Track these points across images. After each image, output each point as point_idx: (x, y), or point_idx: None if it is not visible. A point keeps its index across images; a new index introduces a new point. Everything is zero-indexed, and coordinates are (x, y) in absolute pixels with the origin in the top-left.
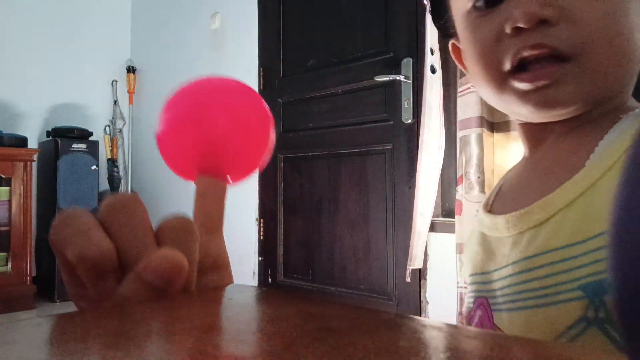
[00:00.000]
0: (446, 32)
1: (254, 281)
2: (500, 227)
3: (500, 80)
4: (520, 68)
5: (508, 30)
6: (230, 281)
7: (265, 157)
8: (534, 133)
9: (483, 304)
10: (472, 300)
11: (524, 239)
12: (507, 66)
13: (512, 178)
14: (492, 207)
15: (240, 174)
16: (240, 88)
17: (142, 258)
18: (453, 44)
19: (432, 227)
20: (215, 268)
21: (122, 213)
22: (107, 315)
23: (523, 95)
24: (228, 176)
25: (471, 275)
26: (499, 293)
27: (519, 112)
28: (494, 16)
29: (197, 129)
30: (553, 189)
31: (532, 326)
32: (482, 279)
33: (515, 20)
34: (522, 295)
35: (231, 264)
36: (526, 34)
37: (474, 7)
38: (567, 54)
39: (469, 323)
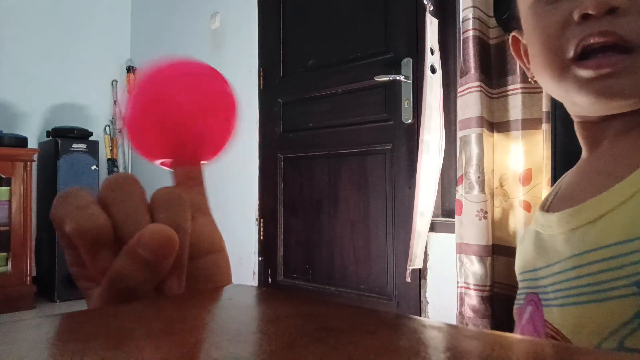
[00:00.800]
0: (507, 26)
1: (254, 281)
2: (553, 224)
3: (563, 67)
4: (584, 56)
5: (576, 17)
6: (227, 264)
7: (234, 136)
8: (591, 132)
9: (534, 299)
10: (522, 296)
11: (577, 235)
12: (571, 53)
13: (570, 178)
14: (549, 207)
15: (210, 154)
16: (203, 70)
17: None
18: (513, 37)
19: (432, 227)
20: (211, 251)
21: (119, 190)
22: (107, 315)
23: (584, 84)
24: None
25: (522, 272)
26: (550, 289)
27: (579, 100)
28: (562, 4)
29: (160, 112)
30: (607, 188)
31: (585, 321)
32: (533, 275)
33: (585, 7)
34: (575, 291)
35: (231, 264)
36: (594, 21)
37: None
38: (633, 45)
39: (520, 319)
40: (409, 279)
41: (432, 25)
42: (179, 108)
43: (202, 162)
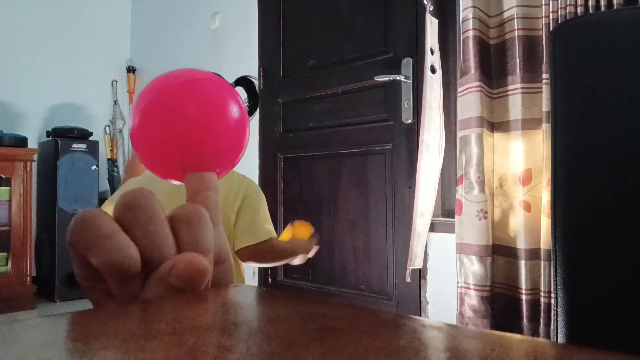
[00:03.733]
0: None
1: (254, 281)
2: None
3: None
4: None
5: None
6: (231, 273)
7: (242, 150)
8: None
9: None
10: None
11: None
12: None
13: None
14: None
15: (225, 164)
16: (212, 78)
17: (165, 260)
18: None
19: (432, 227)
20: (218, 261)
21: (139, 211)
22: (108, 316)
23: None
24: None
25: None
26: None
27: None
28: None
29: (171, 122)
30: None
31: None
32: None
33: None
34: None
35: None
36: None
37: None
38: None
39: None
40: (409, 279)
41: (432, 25)
42: (186, 118)
43: (215, 170)
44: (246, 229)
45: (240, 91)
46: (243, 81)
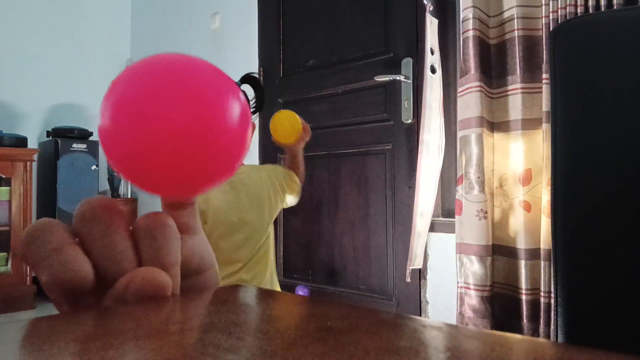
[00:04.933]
0: None
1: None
2: None
3: None
4: None
5: None
6: (216, 280)
7: (240, 161)
8: None
9: None
10: None
11: None
12: None
13: None
14: None
15: (208, 185)
16: (206, 69)
17: (122, 274)
18: None
19: (432, 227)
20: (199, 271)
21: (97, 223)
22: (107, 316)
23: None
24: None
25: None
26: None
27: None
28: None
29: (144, 124)
30: None
31: None
32: None
33: None
34: None
35: None
36: None
37: None
38: None
39: None
40: (409, 279)
41: (432, 25)
42: (166, 119)
43: (200, 193)
44: (285, 179)
45: (248, 90)
46: (249, 79)
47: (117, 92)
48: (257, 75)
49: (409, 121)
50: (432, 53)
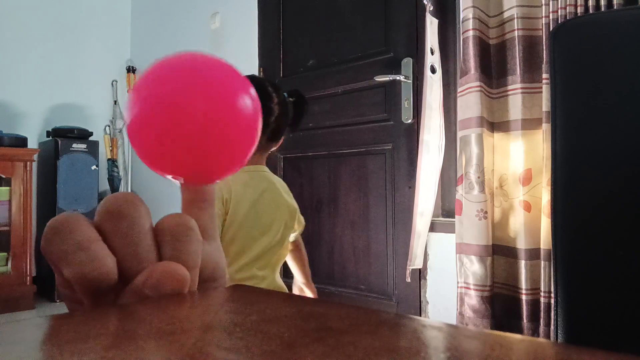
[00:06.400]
0: None
1: None
2: None
3: None
4: None
5: None
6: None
7: (252, 149)
8: None
9: None
10: None
11: None
12: None
13: None
14: None
15: (225, 171)
16: (223, 68)
17: (143, 270)
18: None
19: (432, 227)
20: (211, 279)
21: (121, 220)
22: (107, 315)
23: None
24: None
25: None
26: None
27: None
28: None
29: (171, 117)
30: None
31: None
32: None
33: None
34: None
35: None
36: None
37: None
38: None
39: None
40: (409, 279)
41: (432, 25)
42: (195, 115)
43: (217, 180)
44: (298, 225)
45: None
46: (296, 94)
47: (144, 87)
48: (303, 94)
49: (409, 121)
50: (432, 53)
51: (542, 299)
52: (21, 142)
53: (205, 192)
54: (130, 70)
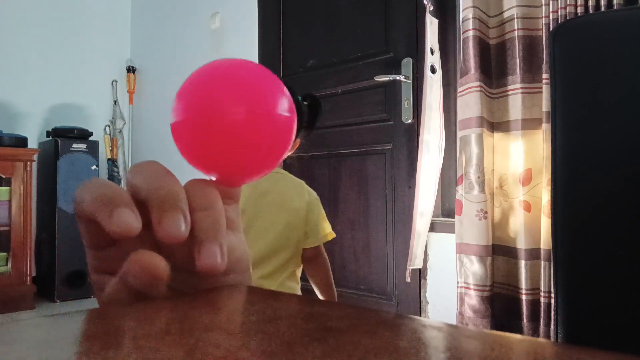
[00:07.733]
0: None
1: None
2: None
3: None
4: None
5: None
6: (249, 283)
7: (286, 152)
8: None
9: None
10: None
11: None
12: None
13: None
14: None
15: (256, 174)
16: (264, 73)
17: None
18: None
19: (432, 227)
20: (236, 269)
21: (145, 167)
22: (108, 316)
23: None
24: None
25: None
26: None
27: None
28: None
29: (213, 120)
30: None
31: None
32: None
33: None
34: None
35: None
36: None
37: None
38: None
39: None
40: (409, 279)
41: (432, 25)
42: (230, 116)
43: (248, 181)
44: (311, 231)
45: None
46: (311, 98)
47: (188, 92)
48: (317, 97)
49: (409, 121)
50: (432, 53)
51: (542, 299)
52: (21, 142)
53: (232, 191)
54: (130, 70)
